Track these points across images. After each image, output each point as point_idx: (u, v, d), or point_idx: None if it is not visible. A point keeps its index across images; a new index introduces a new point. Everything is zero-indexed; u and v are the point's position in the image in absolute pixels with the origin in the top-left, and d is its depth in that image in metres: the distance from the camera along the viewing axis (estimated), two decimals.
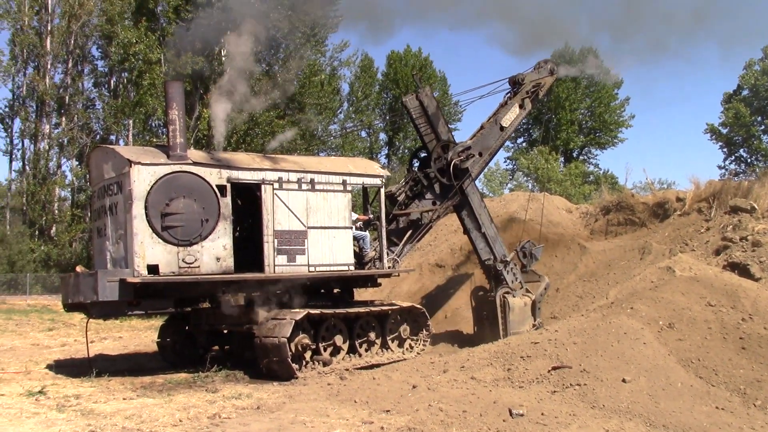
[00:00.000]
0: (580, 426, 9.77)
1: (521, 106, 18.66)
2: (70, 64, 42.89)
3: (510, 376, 12.33)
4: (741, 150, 59.79)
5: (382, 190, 16.13)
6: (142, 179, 13.14)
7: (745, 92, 58.76)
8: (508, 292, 17.40)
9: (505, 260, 17.60)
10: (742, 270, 17.61)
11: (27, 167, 41.65)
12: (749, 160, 58.97)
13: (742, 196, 21.31)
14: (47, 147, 41.61)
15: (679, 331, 13.32)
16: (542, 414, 10.20)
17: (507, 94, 18.78)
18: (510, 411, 10.24)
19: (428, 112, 17.20)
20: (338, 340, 14.58)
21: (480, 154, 17.84)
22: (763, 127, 57.98)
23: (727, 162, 60.49)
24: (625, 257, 20.68)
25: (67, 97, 42.46)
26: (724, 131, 59.42)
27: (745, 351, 12.60)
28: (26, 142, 42.95)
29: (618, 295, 16.82)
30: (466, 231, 18.09)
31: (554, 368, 12.16)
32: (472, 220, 17.78)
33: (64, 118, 42.55)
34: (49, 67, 41.76)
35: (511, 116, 18.44)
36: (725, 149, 60.42)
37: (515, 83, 18.69)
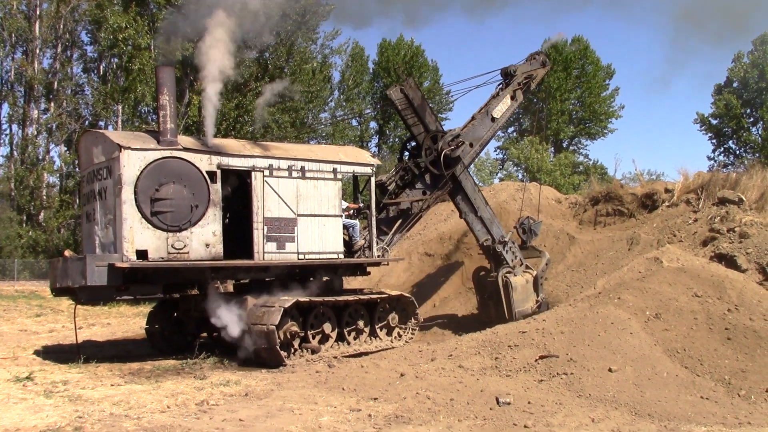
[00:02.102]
0: (567, 414, 9.85)
1: (513, 98, 18.70)
2: (59, 49, 42.51)
3: (497, 364, 12.41)
4: (730, 141, 60.04)
5: (373, 179, 16.13)
6: (132, 164, 13.09)
7: (735, 84, 58.95)
8: (509, 272, 17.55)
9: (503, 240, 17.73)
10: (729, 261, 17.73)
11: (15, 153, 41.37)
12: (738, 152, 59.25)
13: (730, 188, 21.43)
14: (35, 132, 41.33)
15: (666, 322, 13.42)
16: (529, 402, 10.27)
17: (499, 85, 18.80)
18: (497, 399, 10.31)
19: (414, 104, 17.16)
20: (327, 327, 14.61)
21: (471, 145, 17.85)
22: (752, 119, 58.21)
23: (716, 153, 60.78)
24: (613, 248, 20.78)
25: (55, 83, 42.14)
26: (714, 122, 59.63)
27: (731, 341, 12.70)
28: (14, 127, 42.70)
29: (606, 285, 16.91)
30: (462, 215, 18.18)
31: (541, 357, 12.24)
32: (467, 204, 17.88)
33: (52, 104, 42.24)
34: (37, 51, 41.40)
35: (503, 107, 18.47)
36: (714, 140, 60.67)
37: (507, 74, 18.70)
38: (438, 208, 24.77)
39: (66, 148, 42.85)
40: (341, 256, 15.42)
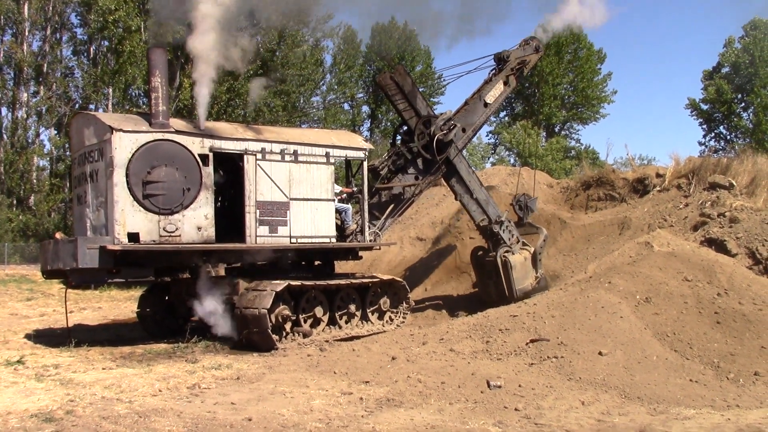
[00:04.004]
0: (557, 398, 9.91)
1: (506, 83, 18.69)
2: (48, 32, 42.16)
3: (488, 348, 12.45)
4: (721, 127, 60.16)
5: (365, 163, 16.11)
6: (124, 146, 13.03)
7: (725, 70, 58.99)
8: (507, 251, 17.67)
9: (500, 220, 17.81)
10: (719, 246, 17.81)
11: (5, 136, 41.07)
12: (729, 137, 59.39)
13: (720, 173, 21.48)
14: (25, 116, 41.06)
15: (656, 306, 13.48)
16: (519, 386, 10.32)
17: (492, 70, 18.76)
18: (488, 383, 10.35)
19: (404, 90, 17.13)
20: (318, 311, 14.64)
21: (464, 130, 17.86)
22: (743, 104, 58.30)
23: (707, 139, 60.93)
24: (604, 232, 20.83)
25: (45, 65, 41.82)
26: (705, 107, 59.72)
27: (720, 325, 12.77)
28: (4, 110, 42.36)
29: (596, 270, 16.97)
30: (457, 197, 18.24)
31: (532, 341, 12.29)
32: (462, 186, 17.93)
33: (42, 87, 41.94)
34: (27, 34, 41.05)
35: (495, 93, 18.47)
36: (705, 126, 60.79)
37: (500, 60, 18.67)
38: (430, 192, 24.78)
39: (56, 132, 42.59)
40: (333, 240, 15.42)
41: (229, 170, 15.35)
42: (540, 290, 17.78)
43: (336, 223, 15.66)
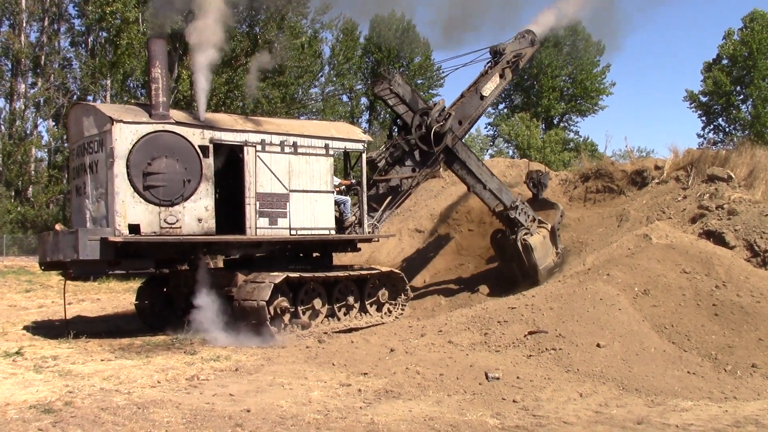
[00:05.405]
0: (555, 389, 9.94)
1: (501, 76, 18.71)
2: (46, 23, 42.03)
3: (487, 340, 12.48)
4: (720, 119, 60.09)
5: (364, 156, 16.10)
6: (124, 137, 13.01)
7: (724, 61, 58.90)
8: (526, 233, 17.89)
9: (514, 205, 17.95)
10: (717, 238, 17.82)
11: (2, 127, 40.98)
12: (727, 129, 59.32)
13: (719, 165, 21.46)
14: (23, 107, 40.94)
15: (654, 298, 13.52)
16: (518, 377, 10.36)
17: (488, 63, 18.76)
18: (486, 374, 10.39)
19: (405, 99, 17.12)
20: (317, 303, 14.65)
21: (460, 123, 17.86)
22: (741, 96, 58.21)
23: (705, 131, 60.85)
24: (602, 224, 20.83)
25: (43, 57, 41.69)
26: (704, 99, 59.64)
27: (718, 317, 12.82)
28: (1, 101, 42.25)
29: (595, 262, 16.99)
30: (470, 189, 18.41)
31: (530, 333, 12.32)
32: (472, 177, 18.04)
33: (40, 78, 41.81)
34: (24, 25, 40.90)
35: (491, 86, 18.49)
36: (704, 118, 60.73)
37: (496, 53, 18.67)
38: (428, 185, 24.76)
39: (54, 123, 42.48)
40: (332, 232, 15.42)
41: (229, 162, 15.32)
42: (562, 264, 18.31)
43: (335, 215, 15.66)
